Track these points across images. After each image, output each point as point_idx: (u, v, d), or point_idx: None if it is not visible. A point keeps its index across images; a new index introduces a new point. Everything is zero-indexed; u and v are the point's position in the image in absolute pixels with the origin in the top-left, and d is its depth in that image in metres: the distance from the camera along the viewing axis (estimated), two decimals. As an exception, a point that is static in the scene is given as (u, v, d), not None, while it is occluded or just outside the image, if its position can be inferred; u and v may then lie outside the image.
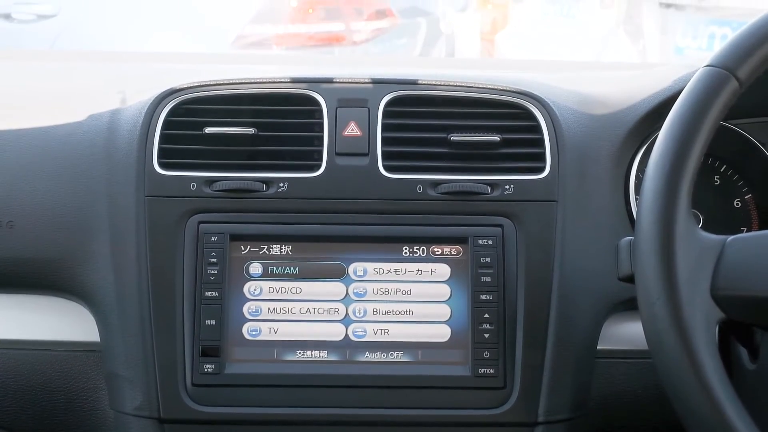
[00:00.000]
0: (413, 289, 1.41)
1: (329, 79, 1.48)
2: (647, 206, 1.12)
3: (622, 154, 1.48)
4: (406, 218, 1.42)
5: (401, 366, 1.39)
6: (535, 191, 1.43)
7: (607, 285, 1.41)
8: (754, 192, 1.57)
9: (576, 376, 1.42)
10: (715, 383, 1.08)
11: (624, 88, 1.56)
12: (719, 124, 1.16)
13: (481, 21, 7.84)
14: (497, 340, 1.39)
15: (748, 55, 1.15)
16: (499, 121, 1.47)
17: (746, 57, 1.15)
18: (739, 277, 1.13)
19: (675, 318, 1.09)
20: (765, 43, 1.15)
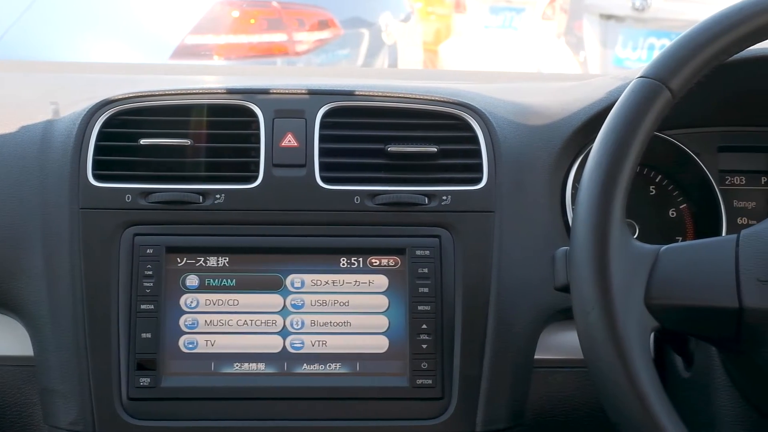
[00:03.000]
0: (351, 301, 1.40)
1: (266, 90, 1.48)
2: (582, 217, 1.13)
3: (559, 165, 1.49)
4: (344, 229, 1.42)
5: (339, 377, 1.39)
6: (473, 202, 1.43)
7: (543, 295, 1.41)
8: (689, 202, 1.58)
9: (513, 386, 1.42)
10: (649, 391, 1.09)
11: (561, 99, 1.56)
12: (653, 134, 1.16)
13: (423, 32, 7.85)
14: (435, 351, 1.39)
15: (680, 66, 1.16)
16: (437, 132, 1.47)
17: (679, 68, 1.16)
18: (672, 287, 1.13)
19: (609, 327, 1.09)
20: (697, 54, 1.16)
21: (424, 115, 1.48)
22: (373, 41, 5.52)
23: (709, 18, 1.18)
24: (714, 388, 1.32)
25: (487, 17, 7.88)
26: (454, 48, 7.89)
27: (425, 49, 7.64)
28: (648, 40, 6.59)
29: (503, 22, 7.84)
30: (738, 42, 1.17)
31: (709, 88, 1.27)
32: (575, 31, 7.57)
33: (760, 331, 1.13)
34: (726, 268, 1.14)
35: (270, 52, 4.68)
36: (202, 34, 4.48)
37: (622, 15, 6.76)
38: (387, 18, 5.69)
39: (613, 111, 1.16)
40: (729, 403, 1.31)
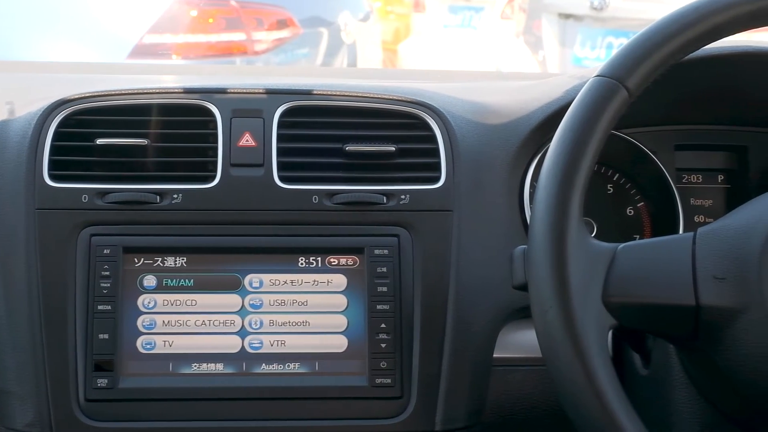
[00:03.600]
0: (309, 300, 1.40)
1: (223, 90, 1.47)
2: (539, 215, 1.13)
3: (517, 164, 1.49)
4: (302, 229, 1.42)
5: (298, 377, 1.38)
6: (431, 201, 1.43)
7: (502, 293, 1.41)
8: (646, 200, 1.59)
9: (472, 385, 1.42)
10: (607, 389, 1.09)
11: (519, 98, 1.57)
12: (610, 133, 1.17)
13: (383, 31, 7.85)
14: (394, 350, 1.39)
15: (637, 65, 1.16)
16: (395, 131, 1.47)
17: (635, 67, 1.16)
18: (629, 285, 1.14)
19: (567, 326, 1.10)
20: (653, 53, 1.16)
21: (383, 115, 1.48)
22: (332, 40, 5.52)
23: (665, 17, 1.18)
24: (672, 385, 1.33)
25: (446, 16, 7.90)
26: (413, 47, 7.90)
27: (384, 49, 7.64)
28: (606, 39, 6.62)
29: (462, 21, 7.85)
30: (694, 41, 1.18)
31: (666, 86, 1.28)
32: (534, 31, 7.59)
33: (717, 328, 1.13)
34: (683, 266, 1.14)
35: (229, 51, 4.68)
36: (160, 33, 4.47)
37: (580, 14, 6.79)
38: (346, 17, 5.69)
39: (570, 110, 1.16)
40: (686, 400, 1.32)
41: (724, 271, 1.13)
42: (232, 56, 4.68)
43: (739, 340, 1.12)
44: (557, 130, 1.16)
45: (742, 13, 1.18)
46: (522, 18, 7.86)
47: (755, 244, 1.13)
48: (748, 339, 1.11)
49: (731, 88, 1.55)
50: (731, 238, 1.15)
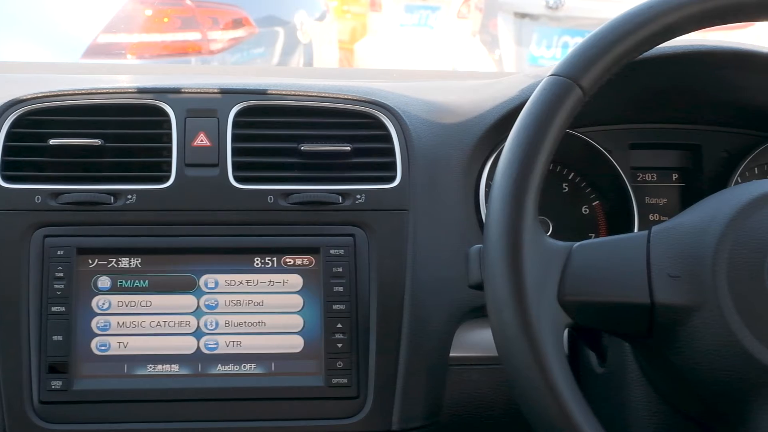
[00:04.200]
0: (265, 300, 1.40)
1: (177, 89, 1.47)
2: (495, 214, 1.13)
3: (472, 163, 1.49)
4: (258, 229, 1.41)
5: (254, 378, 1.38)
6: (387, 200, 1.43)
7: (458, 292, 1.41)
8: (602, 199, 1.59)
9: (429, 384, 1.42)
10: (562, 388, 1.09)
11: (474, 97, 1.57)
12: (566, 132, 1.17)
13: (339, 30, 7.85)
14: (350, 350, 1.39)
15: (591, 64, 1.16)
16: (350, 130, 1.47)
17: (589, 66, 1.16)
18: (584, 283, 1.14)
19: (523, 324, 1.10)
20: (607, 52, 1.17)
21: (338, 114, 1.48)
22: (288, 40, 5.51)
23: (619, 16, 1.19)
24: (627, 383, 1.33)
25: (402, 16, 7.90)
26: (369, 46, 7.90)
27: (341, 48, 7.64)
28: (562, 39, 6.65)
29: (419, 20, 7.86)
30: (647, 40, 1.18)
31: (620, 85, 1.29)
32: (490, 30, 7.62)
33: (671, 326, 1.14)
34: (637, 265, 1.15)
35: (184, 50, 4.66)
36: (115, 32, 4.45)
37: (536, 13, 6.82)
38: (302, 16, 5.68)
39: (524, 109, 1.16)
40: (642, 398, 1.32)
41: (679, 269, 1.14)
42: (187, 56, 4.67)
43: (693, 338, 1.13)
44: (512, 129, 1.16)
45: (695, 12, 1.18)
46: (478, 17, 7.88)
47: (709, 243, 1.13)
48: (702, 337, 1.12)
49: (685, 86, 1.56)
50: (685, 237, 1.16)
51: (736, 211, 1.15)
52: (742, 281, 1.12)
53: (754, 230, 1.14)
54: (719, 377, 1.12)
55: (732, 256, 1.12)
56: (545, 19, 6.81)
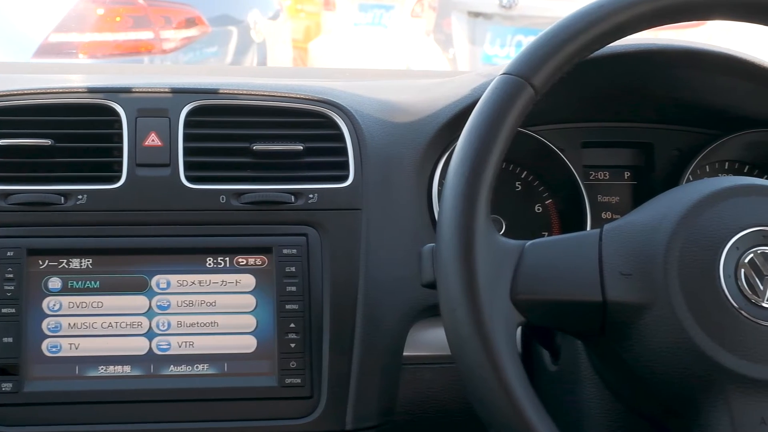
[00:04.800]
0: (218, 301, 1.39)
1: (128, 89, 1.46)
2: (447, 213, 1.13)
3: (425, 162, 1.49)
4: (210, 229, 1.40)
5: (207, 378, 1.37)
6: (339, 200, 1.43)
7: (411, 291, 1.41)
8: (554, 197, 1.60)
9: (383, 383, 1.42)
10: (515, 386, 1.09)
11: (427, 96, 1.57)
12: (518, 131, 1.17)
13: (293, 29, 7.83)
14: (304, 350, 1.38)
15: (542, 62, 1.17)
16: (303, 130, 1.46)
17: (541, 65, 1.17)
18: (536, 282, 1.14)
19: (476, 323, 1.10)
20: (558, 51, 1.17)
21: (290, 113, 1.47)
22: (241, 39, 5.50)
23: (570, 15, 1.19)
24: (580, 380, 1.33)
25: (356, 15, 7.90)
26: (324, 45, 7.89)
27: (295, 47, 7.63)
28: (516, 38, 6.67)
29: (372, 19, 7.86)
30: (598, 39, 1.19)
31: (572, 84, 1.29)
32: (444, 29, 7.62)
33: (623, 324, 1.14)
34: (590, 263, 1.15)
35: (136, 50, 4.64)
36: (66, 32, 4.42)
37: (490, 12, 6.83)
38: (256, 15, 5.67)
39: (476, 108, 1.16)
40: (595, 395, 1.32)
41: (630, 267, 1.14)
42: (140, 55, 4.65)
43: (644, 336, 1.13)
44: (464, 128, 1.16)
45: (645, 11, 1.19)
46: (432, 16, 7.89)
47: (661, 240, 1.14)
48: (653, 334, 1.13)
49: (636, 85, 1.56)
50: (637, 234, 1.16)
51: (688, 209, 1.16)
52: (693, 279, 1.12)
53: (705, 228, 1.14)
54: (671, 375, 1.13)
55: (683, 253, 1.13)
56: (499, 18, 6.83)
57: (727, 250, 1.13)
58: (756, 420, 1.10)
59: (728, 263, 1.13)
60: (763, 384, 1.10)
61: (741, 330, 1.11)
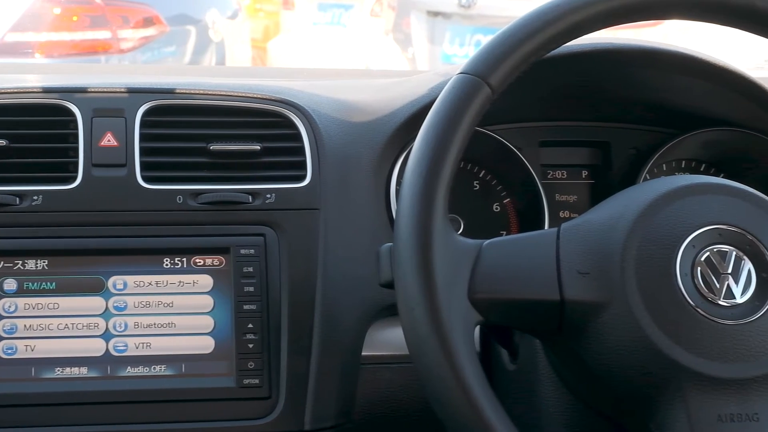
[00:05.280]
0: (175, 302, 1.38)
1: (84, 89, 1.45)
2: (404, 213, 1.13)
3: (383, 162, 1.49)
4: (167, 229, 1.40)
5: (164, 380, 1.36)
6: (297, 199, 1.42)
7: (370, 291, 1.41)
8: (512, 196, 1.60)
9: (341, 383, 1.42)
10: (473, 385, 1.09)
11: (384, 96, 1.57)
12: (475, 130, 1.17)
13: (252, 29, 7.82)
14: (262, 350, 1.38)
15: (499, 62, 1.17)
16: (260, 129, 1.46)
17: (497, 64, 1.17)
18: (494, 281, 1.14)
19: (434, 322, 1.10)
20: (515, 50, 1.17)
21: (247, 113, 1.47)
22: (200, 38, 5.49)
23: (527, 15, 1.19)
24: (538, 379, 1.34)
25: (315, 14, 7.90)
26: (283, 45, 7.88)
27: (254, 47, 7.61)
28: (475, 37, 6.69)
29: (332, 18, 7.86)
30: (554, 38, 1.19)
31: (529, 83, 1.29)
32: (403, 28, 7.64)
33: (581, 322, 1.14)
34: (547, 261, 1.16)
35: (94, 49, 4.62)
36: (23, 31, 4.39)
37: (449, 12, 6.85)
38: (214, 15, 5.66)
39: (433, 107, 1.16)
40: (553, 394, 1.33)
41: (588, 265, 1.15)
42: (97, 55, 4.63)
43: (602, 334, 1.13)
44: (421, 127, 1.16)
45: (601, 10, 1.19)
46: (391, 15, 7.90)
47: (617, 239, 1.14)
48: (611, 333, 1.13)
49: (593, 84, 1.57)
50: (594, 233, 1.17)
51: (644, 207, 1.16)
52: (650, 277, 1.13)
53: (662, 226, 1.15)
54: (628, 373, 1.13)
55: (640, 252, 1.13)
56: (458, 18, 6.84)
57: (684, 249, 1.14)
58: (713, 417, 1.11)
59: (685, 262, 1.13)
60: (719, 381, 1.11)
61: (697, 328, 1.11)
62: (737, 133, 1.60)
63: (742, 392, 1.11)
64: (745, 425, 1.11)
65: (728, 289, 1.13)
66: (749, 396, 1.11)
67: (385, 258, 1.18)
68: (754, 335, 1.12)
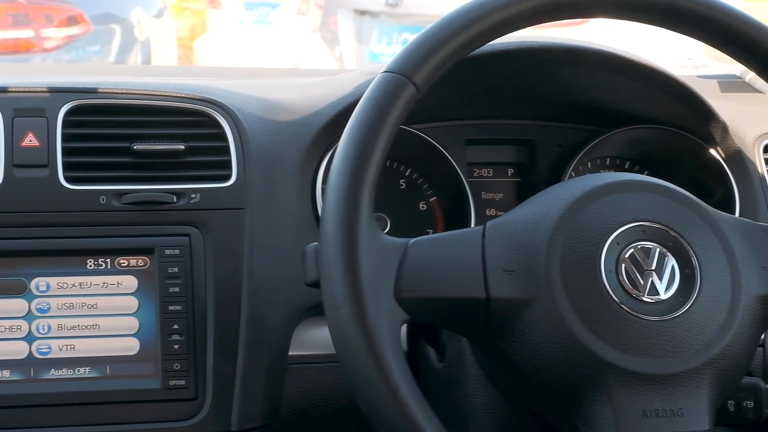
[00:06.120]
0: (99, 303, 1.37)
1: (4, 89, 1.43)
2: (330, 212, 1.13)
3: (308, 161, 1.48)
4: (90, 230, 1.38)
5: (89, 382, 1.35)
6: (222, 199, 1.42)
7: (296, 291, 1.40)
8: (439, 195, 1.60)
9: (268, 383, 1.41)
10: (400, 383, 1.09)
11: (310, 94, 1.56)
12: (401, 129, 1.17)
13: (178, 27, 7.78)
14: (188, 351, 1.37)
15: (423, 60, 1.17)
16: (184, 129, 1.45)
17: (422, 63, 1.17)
18: (419, 279, 1.14)
19: (359, 321, 1.10)
20: (439, 49, 1.17)
21: (171, 113, 1.45)
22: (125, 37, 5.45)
23: (451, 13, 1.19)
24: (465, 377, 1.34)
25: (242, 13, 7.87)
26: (209, 44, 7.85)
27: (180, 45, 7.58)
28: (402, 35, 6.71)
29: (258, 17, 7.84)
30: (478, 37, 1.19)
31: (454, 81, 1.30)
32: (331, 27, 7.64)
33: (507, 320, 1.15)
34: (473, 260, 1.16)
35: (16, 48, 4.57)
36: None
37: (376, 10, 6.86)
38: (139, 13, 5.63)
39: (358, 106, 1.16)
40: (480, 391, 1.33)
41: (513, 263, 1.15)
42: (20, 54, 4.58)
43: (528, 332, 1.14)
44: (346, 126, 1.16)
45: (525, 9, 1.20)
46: (318, 14, 7.89)
47: (542, 237, 1.15)
48: (537, 330, 1.14)
49: (518, 83, 1.58)
50: (520, 231, 1.17)
51: (569, 205, 1.17)
52: (575, 275, 1.13)
53: (587, 224, 1.16)
54: (554, 370, 1.14)
55: (565, 250, 1.14)
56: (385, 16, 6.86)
57: (608, 246, 1.15)
58: (638, 413, 1.12)
59: (609, 258, 1.14)
60: (644, 377, 1.12)
61: (622, 324, 1.12)
62: (661, 130, 1.62)
63: (666, 388, 1.12)
64: (669, 420, 1.12)
65: (652, 285, 1.14)
66: (674, 391, 1.12)
67: (311, 257, 1.17)
68: (678, 331, 1.13)
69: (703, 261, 1.17)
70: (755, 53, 1.26)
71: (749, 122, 1.66)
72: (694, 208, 1.21)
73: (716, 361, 1.14)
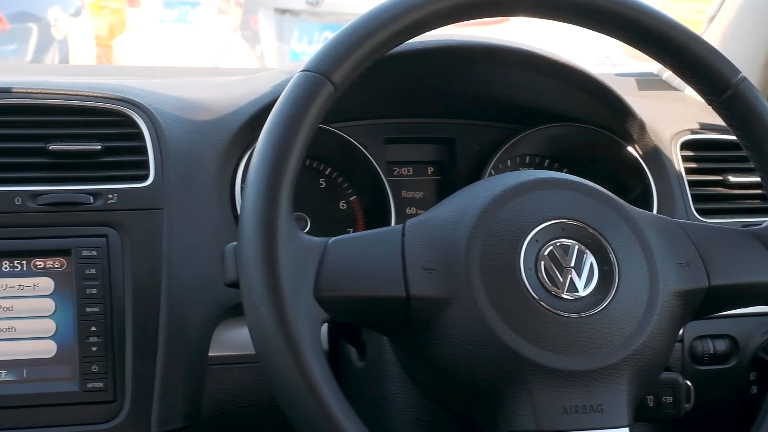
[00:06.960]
0: (15, 305, 1.35)
1: None
2: (248, 212, 1.12)
3: (227, 160, 1.48)
4: (5, 232, 1.36)
5: (5, 385, 1.34)
6: (140, 199, 1.40)
7: (215, 291, 1.39)
8: (359, 193, 1.60)
9: (188, 385, 1.40)
10: (320, 383, 1.09)
11: (229, 93, 1.56)
12: (321, 127, 1.17)
13: (97, 26, 7.71)
14: (106, 353, 1.36)
15: (341, 59, 1.17)
16: (101, 129, 1.43)
17: (340, 61, 1.17)
18: (338, 278, 1.14)
19: (279, 321, 1.09)
20: (357, 47, 1.17)
21: (87, 112, 1.44)
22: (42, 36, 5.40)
23: (369, 12, 1.19)
24: (386, 376, 1.34)
25: (161, 11, 7.83)
26: (129, 43, 7.79)
27: (99, 44, 7.51)
28: (323, 34, 6.71)
29: (178, 16, 7.80)
30: (397, 35, 1.19)
31: (373, 80, 1.29)
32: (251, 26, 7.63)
33: (427, 318, 1.15)
34: (393, 258, 1.16)
35: (-70, 47, 4.50)
36: None
37: (296, 9, 6.86)
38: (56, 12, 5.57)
39: (276, 105, 1.16)
40: (401, 390, 1.33)
41: (433, 262, 1.16)
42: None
43: (448, 330, 1.14)
44: (264, 125, 1.15)
45: (443, 8, 1.20)
46: (239, 13, 7.87)
47: (462, 235, 1.15)
48: (457, 328, 1.14)
49: (437, 81, 1.58)
50: (439, 229, 1.17)
51: (488, 203, 1.17)
52: (494, 272, 1.14)
53: (506, 222, 1.16)
54: (474, 367, 1.15)
55: (484, 248, 1.15)
56: (306, 15, 6.86)
57: (527, 243, 1.15)
58: (558, 409, 1.13)
59: (528, 256, 1.15)
60: (564, 374, 1.13)
61: (542, 321, 1.13)
62: (580, 128, 1.63)
63: (586, 384, 1.13)
64: (589, 416, 1.13)
65: (571, 282, 1.15)
66: (593, 387, 1.14)
67: (230, 257, 1.17)
68: (596, 327, 1.14)
69: (621, 258, 1.18)
70: (671, 51, 1.27)
71: (666, 120, 1.68)
72: (612, 205, 1.22)
73: (635, 357, 1.16)
